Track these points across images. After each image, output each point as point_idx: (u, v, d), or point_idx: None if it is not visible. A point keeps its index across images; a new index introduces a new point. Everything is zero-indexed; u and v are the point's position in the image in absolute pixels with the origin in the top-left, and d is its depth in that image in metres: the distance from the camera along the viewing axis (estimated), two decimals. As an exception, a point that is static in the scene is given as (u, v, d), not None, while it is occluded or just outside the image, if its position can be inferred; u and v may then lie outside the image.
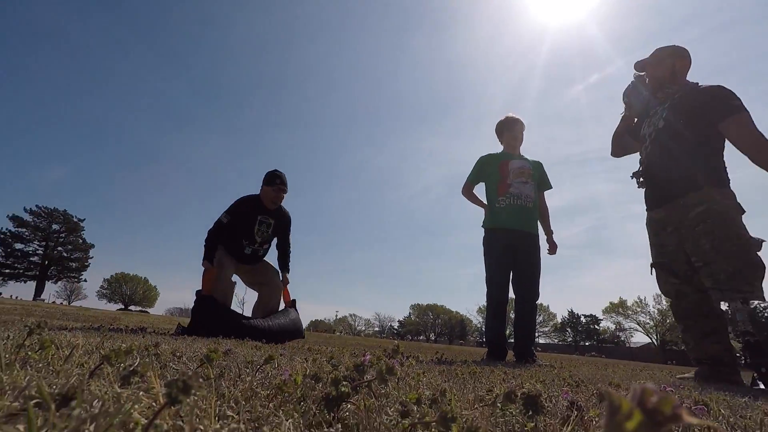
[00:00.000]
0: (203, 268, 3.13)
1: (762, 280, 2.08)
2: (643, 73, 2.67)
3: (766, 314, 43.71)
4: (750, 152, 2.13)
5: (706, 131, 2.28)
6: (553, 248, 3.38)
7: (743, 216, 2.20)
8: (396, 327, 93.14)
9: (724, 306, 2.31)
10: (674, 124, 2.40)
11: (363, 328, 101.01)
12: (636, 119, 2.77)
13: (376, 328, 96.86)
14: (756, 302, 2.08)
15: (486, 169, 3.39)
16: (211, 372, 0.65)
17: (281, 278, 3.52)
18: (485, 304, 3.23)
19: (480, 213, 3.46)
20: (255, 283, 3.55)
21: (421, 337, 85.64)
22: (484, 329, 3.30)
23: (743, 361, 2.28)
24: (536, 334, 2.97)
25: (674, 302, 2.48)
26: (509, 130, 3.44)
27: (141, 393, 0.50)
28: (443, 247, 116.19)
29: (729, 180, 2.27)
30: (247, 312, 3.73)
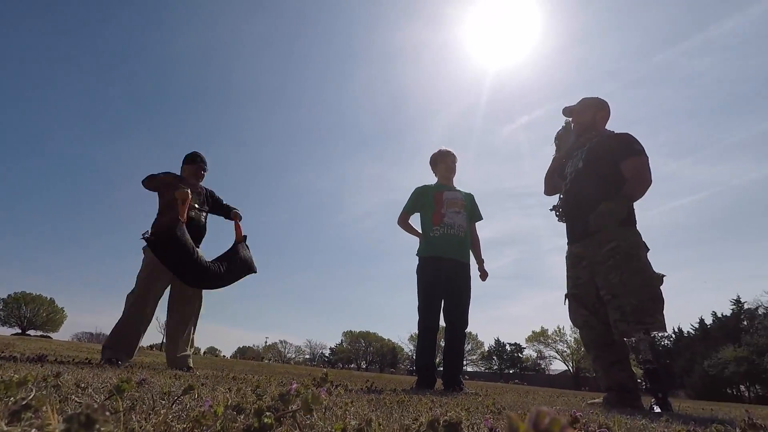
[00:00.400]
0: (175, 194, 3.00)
1: (662, 312, 2.30)
2: (571, 119, 2.94)
3: (663, 343, 48.37)
4: (631, 182, 2.42)
5: (614, 172, 2.55)
6: (483, 275, 3.51)
7: (648, 253, 2.46)
8: (327, 355, 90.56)
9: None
10: (589, 166, 2.66)
11: (293, 356, 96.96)
12: (564, 160, 3.04)
13: (307, 356, 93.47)
14: (656, 333, 2.31)
15: (421, 200, 3.49)
16: (121, 404, 0.60)
17: (232, 215, 3.50)
18: (416, 331, 3.25)
19: (414, 242, 3.53)
20: (174, 301, 3.21)
21: (352, 365, 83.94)
22: (414, 357, 3.29)
23: (644, 387, 2.50)
24: (464, 363, 3.03)
25: (583, 332, 2.67)
26: (442, 162, 3.58)
27: (33, 430, 0.44)
28: (378, 273, 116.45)
29: (636, 220, 2.54)
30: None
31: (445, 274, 3.24)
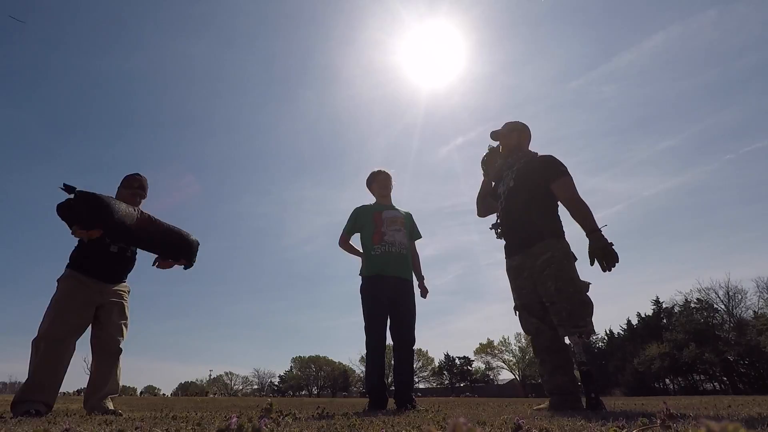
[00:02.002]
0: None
1: (591, 316, 2.49)
2: (497, 143, 3.14)
3: (597, 345, 51.60)
4: (572, 207, 2.64)
5: (543, 191, 2.76)
6: (424, 292, 3.56)
7: (576, 262, 2.65)
8: (276, 383, 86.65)
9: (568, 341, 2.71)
10: (520, 186, 2.85)
11: (240, 387, 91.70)
12: (493, 183, 3.22)
13: (255, 386, 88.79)
14: (590, 336, 2.48)
15: (361, 220, 3.49)
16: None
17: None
18: (365, 352, 3.21)
19: (357, 262, 3.52)
20: (95, 331, 2.88)
21: (303, 392, 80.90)
22: (364, 379, 3.23)
23: (582, 388, 2.65)
24: (416, 380, 3.06)
25: (533, 339, 2.80)
26: (375, 181, 3.64)
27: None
28: (324, 296, 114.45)
29: (564, 232, 2.75)
30: None
31: (389, 293, 3.24)
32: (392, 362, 3.29)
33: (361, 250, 3.48)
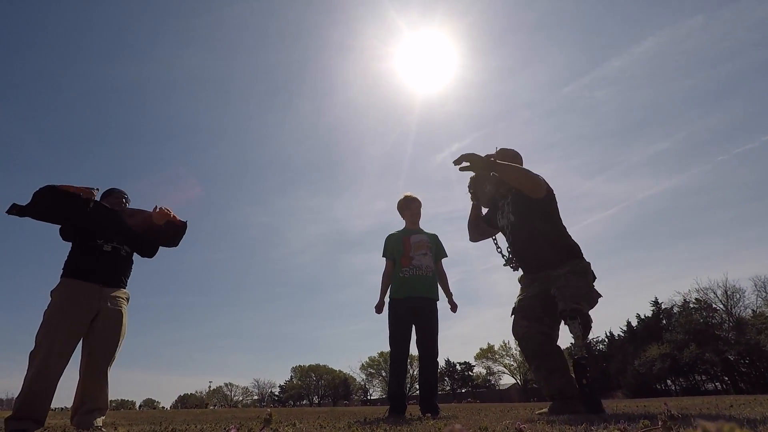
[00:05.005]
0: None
1: (592, 306, 2.55)
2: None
3: (598, 348, 51.47)
4: (521, 183, 2.68)
5: (542, 214, 2.76)
6: (453, 307, 3.83)
7: (594, 281, 2.67)
8: (277, 393, 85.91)
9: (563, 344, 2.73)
10: (521, 219, 2.85)
11: (241, 398, 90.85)
12: (484, 207, 3.24)
13: (256, 397, 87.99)
14: (588, 325, 2.49)
15: (392, 246, 3.81)
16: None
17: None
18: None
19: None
20: (84, 351, 2.81)
21: (304, 402, 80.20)
22: (387, 387, 3.54)
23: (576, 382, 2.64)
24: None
25: (522, 344, 2.80)
26: (407, 208, 3.94)
27: None
28: (322, 305, 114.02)
29: (581, 251, 2.74)
30: None
31: (415, 311, 3.54)
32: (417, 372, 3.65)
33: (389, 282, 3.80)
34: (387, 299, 3.72)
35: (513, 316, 2.88)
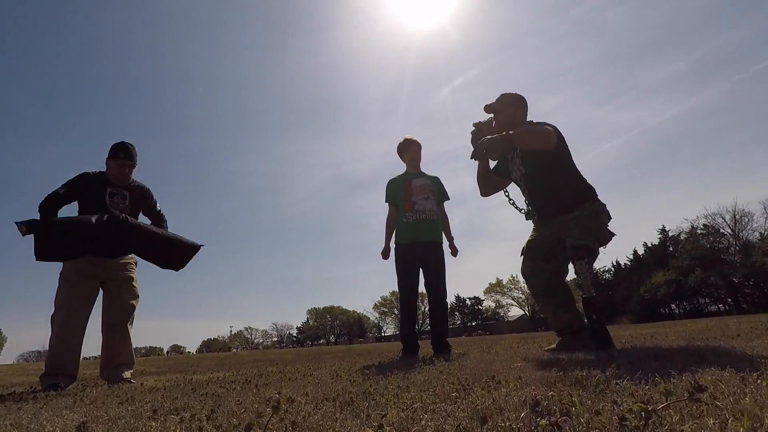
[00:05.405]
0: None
1: (600, 244, 2.53)
2: (491, 116, 2.91)
3: (604, 277, 52.70)
4: (539, 142, 2.57)
5: (553, 161, 2.64)
6: (454, 251, 3.84)
7: (609, 221, 2.61)
8: (295, 334, 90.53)
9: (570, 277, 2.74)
10: (532, 169, 2.73)
11: (261, 341, 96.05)
12: (492, 162, 3.07)
13: (275, 338, 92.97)
14: (594, 260, 2.48)
15: (394, 191, 3.77)
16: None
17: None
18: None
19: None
20: (104, 312, 2.98)
21: (321, 341, 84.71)
22: (399, 329, 3.68)
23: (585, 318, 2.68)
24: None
25: (529, 281, 2.82)
26: (407, 151, 3.85)
27: None
28: (334, 248, 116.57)
29: (596, 193, 2.65)
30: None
31: (420, 256, 3.57)
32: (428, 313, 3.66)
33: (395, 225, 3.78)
34: (392, 245, 3.74)
35: (522, 256, 2.88)
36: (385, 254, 3.75)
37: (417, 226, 3.60)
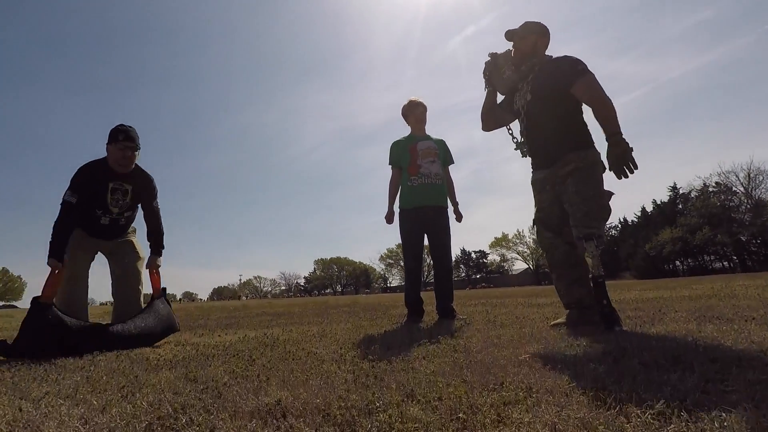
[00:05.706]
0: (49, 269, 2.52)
1: (605, 221, 2.45)
2: (510, 48, 2.79)
3: (609, 233, 52.61)
4: (595, 106, 2.39)
5: (563, 98, 2.50)
6: (459, 217, 3.78)
7: (604, 171, 2.48)
8: (302, 284, 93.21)
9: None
10: (539, 97, 2.61)
11: (269, 289, 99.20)
12: (501, 94, 2.93)
13: (283, 287, 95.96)
14: (602, 243, 2.41)
15: (398, 154, 3.65)
16: None
17: (149, 262, 3.00)
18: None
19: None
20: (112, 274, 3.04)
21: (328, 291, 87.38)
22: (404, 293, 3.64)
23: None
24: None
25: (547, 254, 2.78)
26: (412, 113, 3.72)
27: None
28: (340, 199, 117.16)
29: (592, 140, 2.53)
30: None
31: (425, 220, 3.51)
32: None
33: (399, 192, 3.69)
34: (396, 209, 3.67)
35: (535, 226, 2.83)
36: (389, 218, 3.68)
37: (422, 190, 3.52)
